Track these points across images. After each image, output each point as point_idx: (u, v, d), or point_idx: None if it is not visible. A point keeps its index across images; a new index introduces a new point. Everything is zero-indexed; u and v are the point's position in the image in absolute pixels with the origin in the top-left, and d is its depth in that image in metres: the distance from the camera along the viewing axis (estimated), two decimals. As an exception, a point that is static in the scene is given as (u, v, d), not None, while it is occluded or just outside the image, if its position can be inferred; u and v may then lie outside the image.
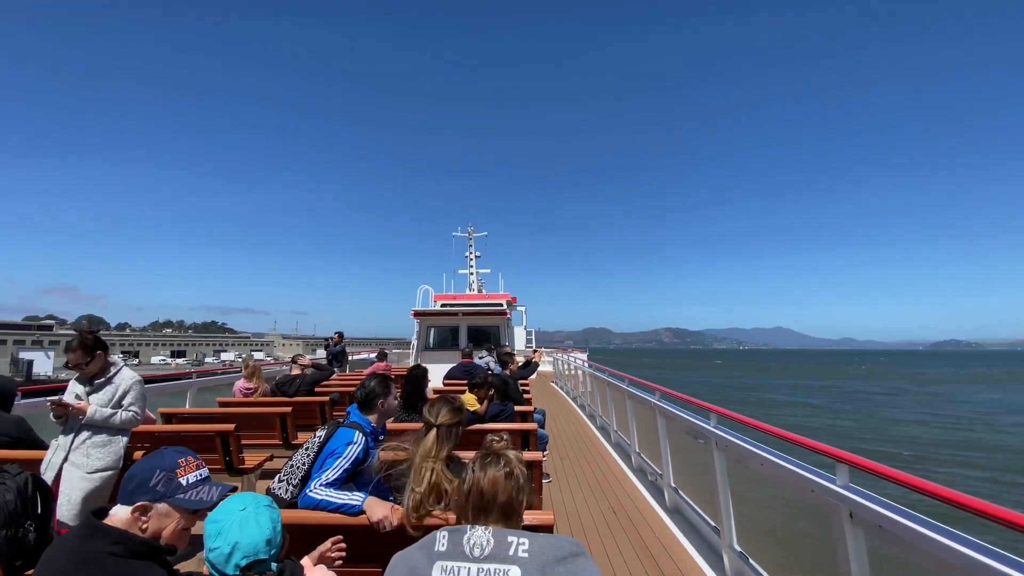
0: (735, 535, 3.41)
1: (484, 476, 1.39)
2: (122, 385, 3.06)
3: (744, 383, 53.59)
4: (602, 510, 4.69)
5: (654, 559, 3.62)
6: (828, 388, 47.09)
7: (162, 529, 1.36)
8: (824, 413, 28.95)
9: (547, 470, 6.00)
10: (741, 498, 3.52)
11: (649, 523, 4.35)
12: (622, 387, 6.94)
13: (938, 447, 18.57)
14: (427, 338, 17.09)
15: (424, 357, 16.33)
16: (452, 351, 14.77)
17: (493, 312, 17.17)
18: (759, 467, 3.01)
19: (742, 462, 3.30)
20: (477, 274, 25.84)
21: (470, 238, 25.96)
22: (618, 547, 3.84)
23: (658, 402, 5.15)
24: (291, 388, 6.10)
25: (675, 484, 4.83)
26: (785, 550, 3.13)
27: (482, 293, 23.89)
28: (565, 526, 4.27)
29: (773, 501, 3.21)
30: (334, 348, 12.13)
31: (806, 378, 61.82)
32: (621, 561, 3.59)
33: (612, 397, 7.98)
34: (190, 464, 1.45)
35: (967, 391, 42.97)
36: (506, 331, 17.12)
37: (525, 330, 22.99)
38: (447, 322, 17.30)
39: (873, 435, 20.92)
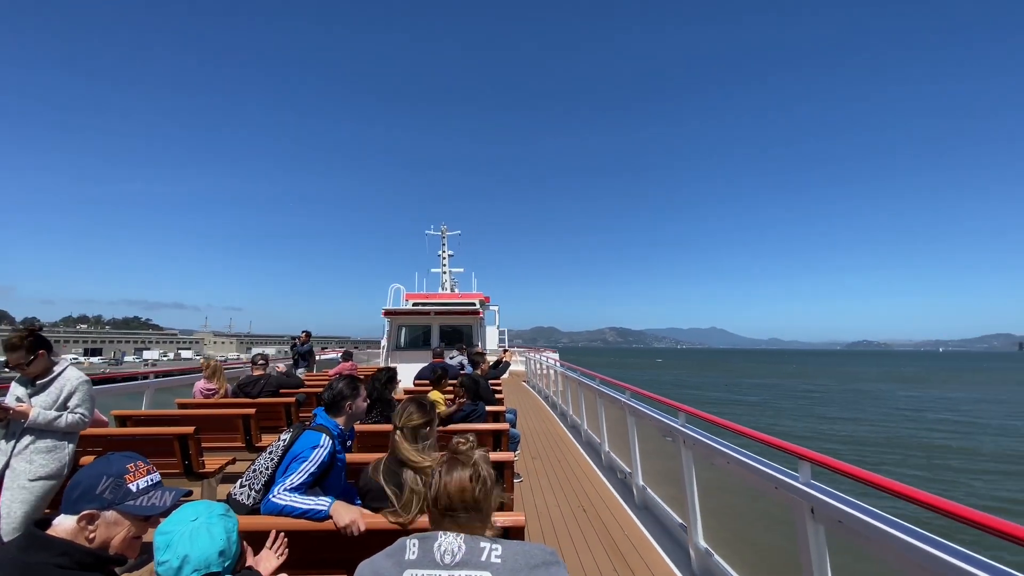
0: (701, 531, 3.47)
1: (450, 479, 1.35)
2: (67, 386, 2.88)
3: (687, 381, 54.86)
4: (572, 508, 4.71)
5: (623, 556, 3.65)
6: (764, 386, 48.73)
7: (111, 538, 1.28)
8: (765, 411, 29.91)
9: (519, 470, 6.00)
10: (708, 495, 3.58)
11: (618, 521, 4.40)
12: (593, 386, 7.00)
13: (877, 445, 19.41)
14: (398, 337, 16.86)
15: (395, 357, 16.10)
16: (424, 351, 14.62)
17: (466, 311, 17.05)
18: (725, 464, 3.07)
19: (709, 460, 3.36)
20: (450, 273, 25.62)
21: (443, 236, 25.63)
22: (587, 545, 3.86)
23: (628, 401, 5.21)
24: (255, 389, 5.91)
25: (644, 482, 4.89)
26: (750, 545, 3.21)
27: (455, 292, 23.70)
28: (536, 525, 4.27)
29: (739, 498, 3.29)
30: (301, 347, 11.82)
31: (742, 376, 64.01)
32: (590, 558, 3.61)
33: (583, 396, 8.04)
34: (140, 469, 1.36)
35: (888, 389, 45.50)
36: (479, 331, 17.05)
37: (498, 329, 22.92)
38: (419, 321, 17.10)
39: (811, 433, 21.78)
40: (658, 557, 3.65)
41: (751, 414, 28.37)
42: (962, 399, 37.26)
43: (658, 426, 4.26)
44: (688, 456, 3.64)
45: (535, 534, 4.07)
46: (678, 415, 3.82)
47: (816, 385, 49.64)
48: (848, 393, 40.84)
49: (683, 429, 3.68)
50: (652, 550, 3.78)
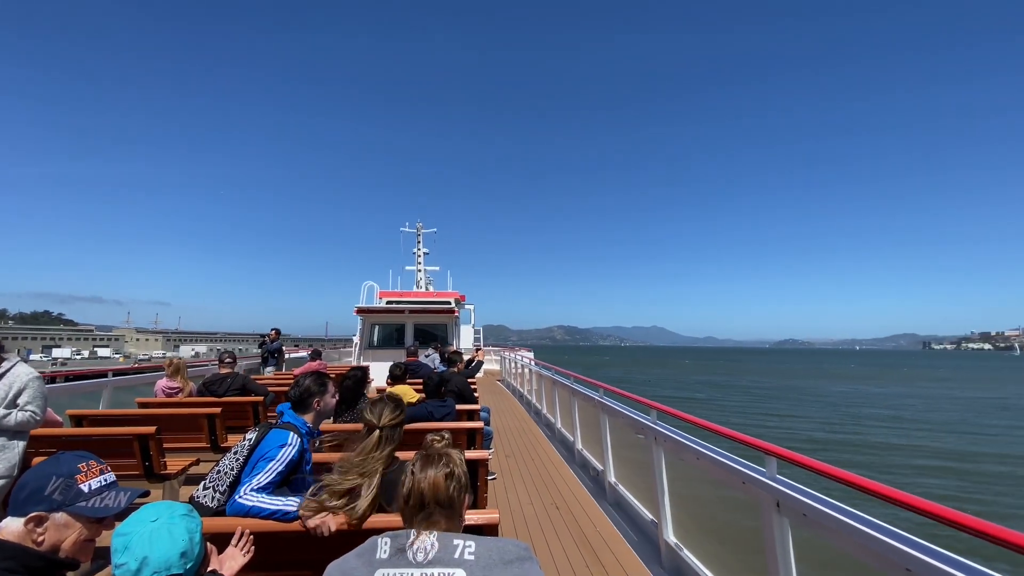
0: (671, 527, 3.53)
1: (424, 477, 1.35)
2: (16, 382, 2.74)
3: (634, 378, 55.82)
4: (545, 505, 4.73)
5: (594, 552, 3.69)
6: (708, 383, 50.01)
7: (61, 541, 1.22)
8: (712, 407, 30.61)
9: (492, 467, 5.99)
10: (678, 491, 3.65)
11: (590, 517, 4.44)
12: (567, 384, 7.05)
13: (827, 441, 20.15)
14: (371, 336, 16.62)
15: (368, 355, 15.87)
16: (397, 349, 14.46)
17: (441, 310, 16.90)
18: (695, 460, 3.14)
19: (679, 456, 3.42)
20: (425, 271, 25.28)
21: (418, 234, 25.11)
22: (560, 541, 3.88)
23: (601, 399, 5.27)
24: (221, 388, 5.73)
25: (616, 478, 4.95)
26: (718, 539, 3.28)
27: (430, 291, 23.45)
28: (509, 522, 4.27)
29: (708, 493, 3.36)
30: (271, 345, 11.53)
31: (685, 373, 65.69)
32: (562, 554, 3.63)
33: (557, 394, 8.09)
34: (92, 468, 1.30)
35: (821, 385, 47.95)
36: (454, 330, 16.92)
37: (473, 328, 22.78)
38: (392, 320, 16.87)
39: (762, 429, 22.53)
40: (629, 552, 3.69)
41: (703, 410, 29.04)
42: (896, 394, 39.42)
43: (631, 423, 4.32)
44: (659, 453, 3.70)
45: (508, 531, 4.07)
46: (650, 412, 3.88)
47: (750, 382, 51.48)
48: (786, 390, 42.56)
49: (655, 426, 3.74)
50: (623, 545, 3.82)
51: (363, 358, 15.78)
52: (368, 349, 16.20)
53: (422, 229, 25.17)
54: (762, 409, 29.06)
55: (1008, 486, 13.30)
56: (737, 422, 24.33)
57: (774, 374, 66.58)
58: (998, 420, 25.66)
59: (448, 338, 16.37)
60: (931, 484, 13.28)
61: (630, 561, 3.56)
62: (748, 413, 27.60)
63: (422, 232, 25.18)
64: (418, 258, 25.04)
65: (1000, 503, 11.89)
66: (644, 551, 3.69)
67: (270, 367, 11.42)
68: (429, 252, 25.43)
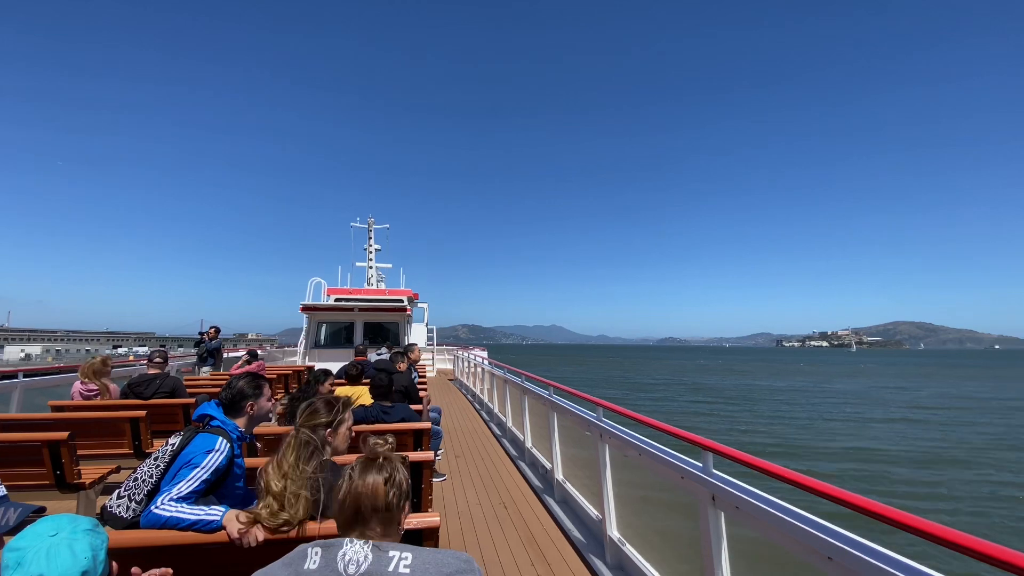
0: (615, 522, 3.60)
1: (363, 482, 1.27)
2: None
3: (541, 376, 58.39)
4: (493, 505, 4.72)
5: (540, 550, 3.71)
6: (610, 379, 52.32)
7: None
8: (623, 404, 32.10)
9: (442, 469, 5.92)
10: (623, 487, 3.72)
11: (538, 515, 4.46)
12: (518, 383, 7.06)
13: (739, 433, 21.53)
14: (317, 334, 16.00)
15: (313, 355, 15.30)
16: (346, 349, 14.03)
17: (393, 308, 16.46)
18: (637, 457, 3.21)
19: (624, 452, 3.50)
20: (377, 268, 24.58)
21: (369, 229, 24.28)
22: (506, 541, 3.88)
23: (551, 396, 5.31)
24: (148, 390, 5.33)
25: (564, 476, 5.00)
26: (659, 533, 3.37)
27: (382, 288, 22.83)
28: (456, 524, 4.23)
29: (650, 488, 3.45)
30: (209, 344, 10.88)
31: (587, 370, 68.54)
32: (508, 555, 3.63)
33: (509, 393, 8.10)
34: None
35: (713, 378, 52.36)
36: (406, 328, 16.56)
37: (426, 327, 22.39)
38: (341, 318, 16.30)
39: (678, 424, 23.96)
40: (575, 550, 3.74)
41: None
42: (780, 387, 43.05)
43: (578, 421, 4.38)
44: (604, 449, 3.77)
45: (455, 533, 4.02)
46: (597, 410, 3.94)
47: (652, 378, 54.14)
48: (682, 386, 45.12)
49: (600, 423, 3.80)
50: (570, 543, 3.86)
51: (308, 358, 15.19)
52: (314, 348, 15.60)
53: (373, 224, 24.30)
54: (668, 409, 30.46)
55: (891, 469, 14.61)
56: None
57: (667, 369, 71.16)
58: (877, 410, 28.38)
59: (400, 337, 16.02)
60: (831, 468, 14.48)
61: (574, 558, 3.60)
62: (657, 412, 28.91)
63: (373, 228, 24.35)
64: (369, 254, 24.29)
65: (885, 484, 13.03)
66: (589, 547, 3.74)
67: (207, 367, 10.79)
68: (381, 248, 24.75)
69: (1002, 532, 10.10)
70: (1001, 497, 12.27)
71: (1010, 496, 12.32)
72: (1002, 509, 11.45)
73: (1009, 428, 21.79)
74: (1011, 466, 14.96)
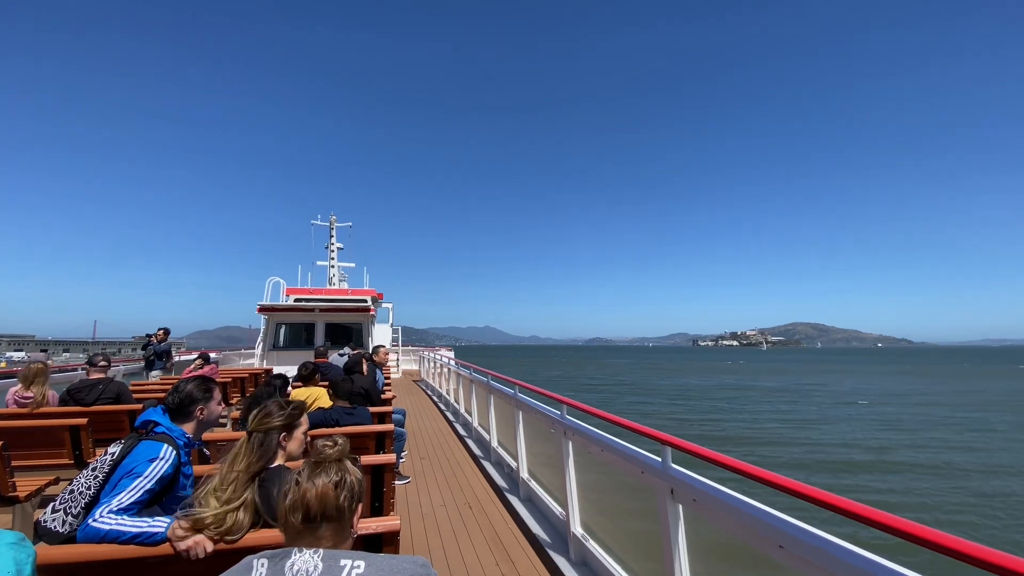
0: (578, 518, 3.64)
1: (312, 487, 1.21)
2: None
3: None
4: (458, 506, 4.69)
5: (505, 549, 3.71)
6: (552, 380, 53.37)
7: None
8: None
9: (406, 471, 5.84)
10: (586, 483, 3.77)
11: (503, 515, 4.46)
12: (484, 382, 7.05)
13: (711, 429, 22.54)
14: (276, 336, 15.47)
15: (272, 357, 14.79)
16: (306, 350, 13.63)
17: (355, 308, 16.06)
18: (600, 453, 3.25)
19: (586, 449, 3.54)
20: (339, 267, 23.91)
21: (331, 227, 23.60)
22: (471, 541, 3.86)
23: (517, 395, 5.31)
24: (90, 396, 5.02)
25: (529, 474, 5.02)
26: (621, 528, 3.43)
27: (344, 288, 22.22)
28: (419, 526, 4.18)
29: (613, 484, 3.50)
30: (158, 346, 10.35)
31: (528, 371, 69.98)
32: (472, 555, 3.61)
33: (475, 393, 8.07)
34: None
35: (646, 376, 55.45)
36: (369, 329, 16.20)
37: (391, 328, 21.92)
38: (301, 318, 15.80)
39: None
40: (539, 547, 3.75)
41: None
42: (720, 384, 46.19)
43: (543, 419, 4.40)
44: (568, 446, 3.80)
45: (419, 535, 3.97)
46: (561, 408, 3.97)
47: (591, 378, 56.14)
48: (620, 384, 47.23)
49: (564, 421, 3.83)
50: (534, 541, 3.88)
51: (266, 360, 14.67)
52: (273, 351, 15.08)
53: (335, 223, 23.62)
54: (617, 407, 31.30)
55: (842, 461, 15.47)
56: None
57: (599, 367, 74.64)
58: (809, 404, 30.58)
59: (363, 338, 15.68)
60: (772, 455, 15.30)
61: (540, 556, 3.62)
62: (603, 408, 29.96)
63: (335, 226, 23.69)
64: (331, 253, 23.62)
65: (834, 475, 13.77)
66: (553, 545, 3.77)
67: (156, 371, 10.27)
68: (343, 247, 24.11)
69: (934, 514, 10.81)
70: (937, 483, 13.14)
71: (944, 482, 13.21)
72: (937, 494, 12.25)
73: (943, 420, 23.39)
74: (947, 455, 16.03)
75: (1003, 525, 10.30)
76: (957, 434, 19.66)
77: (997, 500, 11.72)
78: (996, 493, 12.22)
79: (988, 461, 14.86)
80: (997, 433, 20.40)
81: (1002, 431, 20.75)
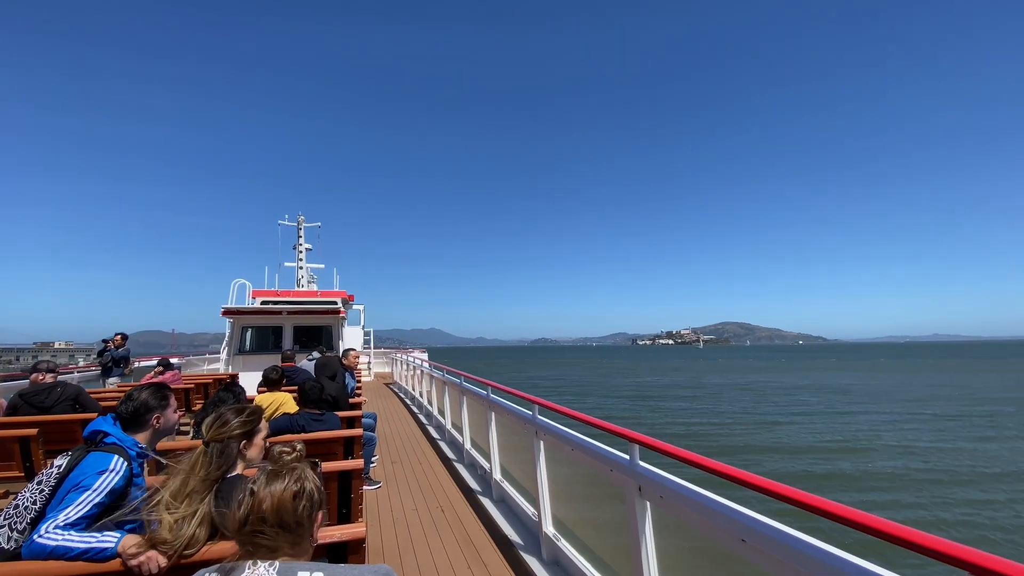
0: (550, 518, 3.65)
1: (268, 495, 1.16)
2: None
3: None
4: (430, 510, 4.65)
5: (477, 552, 3.69)
6: (510, 382, 55.43)
7: None
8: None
9: (377, 476, 5.76)
10: (558, 483, 3.79)
11: (475, 517, 4.45)
12: (458, 384, 7.01)
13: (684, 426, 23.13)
14: (242, 340, 14.99)
15: (238, 362, 14.34)
16: (274, 354, 13.27)
17: (325, 311, 15.69)
18: (570, 452, 3.28)
19: (558, 449, 3.56)
20: (307, 268, 23.32)
21: (299, 227, 22.93)
22: (443, 545, 3.83)
23: (489, 396, 5.30)
24: (48, 399, 4.73)
25: (502, 476, 5.02)
26: (592, 526, 3.46)
27: (313, 289, 21.67)
28: (390, 532, 4.12)
29: (584, 482, 3.53)
30: (115, 352, 9.92)
31: (482, 374, 72.73)
32: (444, 559, 3.58)
33: (448, 395, 8.01)
34: None
35: (604, 376, 56.77)
36: (339, 331, 15.86)
37: (363, 330, 21.49)
38: (268, 321, 15.33)
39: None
40: (511, 548, 3.76)
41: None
42: (674, 382, 47.21)
43: (515, 419, 4.41)
44: (540, 446, 3.82)
45: (389, 542, 3.92)
46: (533, 407, 3.99)
47: (550, 378, 56.89)
48: (578, 384, 48.14)
49: (536, 421, 3.85)
50: (506, 542, 3.88)
51: (232, 365, 14.23)
52: (239, 355, 14.62)
53: (304, 223, 23.03)
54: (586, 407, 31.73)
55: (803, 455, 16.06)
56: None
57: (552, 367, 76.22)
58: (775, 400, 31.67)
59: (333, 340, 15.36)
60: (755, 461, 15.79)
61: (511, 557, 3.62)
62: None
63: (303, 226, 23.12)
64: (299, 254, 23.03)
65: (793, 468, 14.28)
66: (525, 546, 3.77)
67: (114, 378, 9.84)
68: (312, 248, 23.55)
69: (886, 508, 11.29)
70: (888, 476, 13.74)
71: (893, 474, 13.83)
72: (889, 488, 12.81)
73: (896, 415, 24.46)
74: (896, 452, 16.75)
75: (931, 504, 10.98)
76: (930, 430, 20.47)
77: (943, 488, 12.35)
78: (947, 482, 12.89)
79: (956, 461, 15.55)
80: (958, 422, 21.49)
81: (961, 422, 21.83)
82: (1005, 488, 12.24)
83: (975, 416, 23.32)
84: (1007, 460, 14.93)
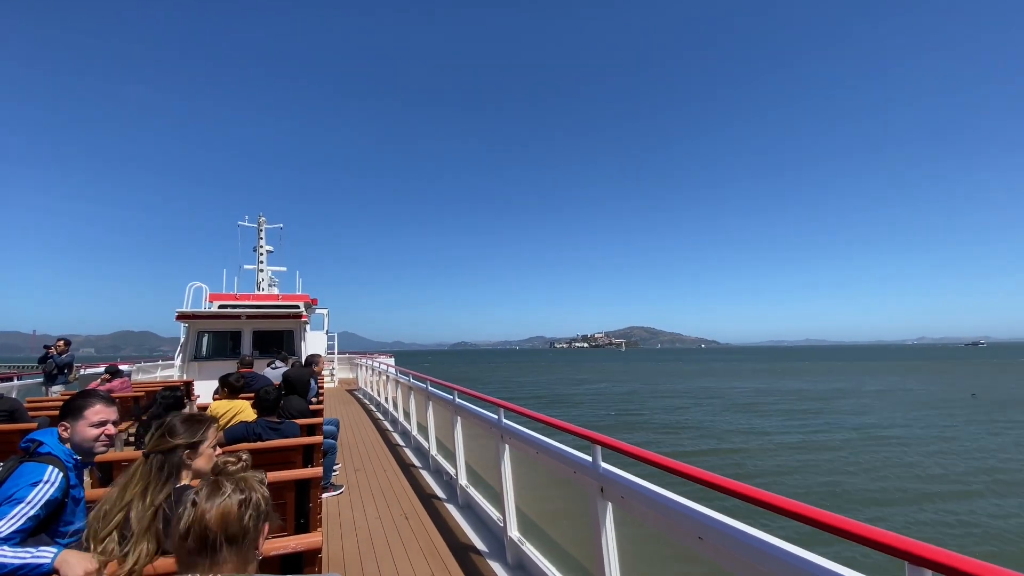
0: (515, 523, 3.65)
1: (211, 508, 1.11)
2: None
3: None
4: (394, 518, 4.56)
5: (442, 559, 3.65)
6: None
7: None
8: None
9: (340, 482, 5.62)
10: (522, 486, 3.79)
11: (441, 524, 4.39)
12: (424, 388, 6.93)
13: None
14: (198, 345, 14.38)
15: (193, 368, 13.75)
16: (232, 360, 12.80)
17: (287, 315, 15.21)
18: (535, 455, 3.29)
19: (523, 452, 3.57)
20: (268, 271, 22.53)
21: (260, 229, 22.14)
22: (407, 553, 3.77)
23: (455, 401, 5.26)
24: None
25: (467, 481, 4.98)
26: (556, 528, 3.48)
27: (274, 293, 20.95)
28: (352, 542, 4.02)
29: (549, 485, 3.55)
30: (58, 358, 9.35)
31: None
32: (408, 568, 3.52)
33: (414, 400, 7.91)
34: None
35: (542, 379, 57.65)
36: (302, 336, 15.40)
37: (327, 335, 20.89)
38: (226, 326, 14.74)
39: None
40: (476, 555, 3.73)
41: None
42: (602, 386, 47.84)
43: (481, 423, 4.39)
44: (505, 450, 3.82)
45: (350, 551, 3.83)
46: (498, 411, 3.98)
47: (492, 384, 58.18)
48: (509, 383, 49.52)
49: (501, 425, 3.85)
50: (471, 549, 3.85)
51: (187, 372, 13.62)
52: (194, 361, 14.01)
53: (264, 224, 22.29)
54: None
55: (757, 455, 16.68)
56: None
57: (489, 371, 77.02)
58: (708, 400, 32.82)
59: (295, 345, 14.92)
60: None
61: (477, 563, 3.59)
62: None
63: (264, 227, 22.35)
64: (260, 256, 22.23)
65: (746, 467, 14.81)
66: (490, 551, 3.76)
67: (58, 385, 9.27)
68: (273, 250, 22.77)
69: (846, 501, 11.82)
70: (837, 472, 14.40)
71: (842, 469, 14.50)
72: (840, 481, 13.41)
73: (838, 415, 25.62)
74: (845, 451, 17.54)
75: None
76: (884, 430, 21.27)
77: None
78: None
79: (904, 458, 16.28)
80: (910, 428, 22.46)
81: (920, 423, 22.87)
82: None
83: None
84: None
